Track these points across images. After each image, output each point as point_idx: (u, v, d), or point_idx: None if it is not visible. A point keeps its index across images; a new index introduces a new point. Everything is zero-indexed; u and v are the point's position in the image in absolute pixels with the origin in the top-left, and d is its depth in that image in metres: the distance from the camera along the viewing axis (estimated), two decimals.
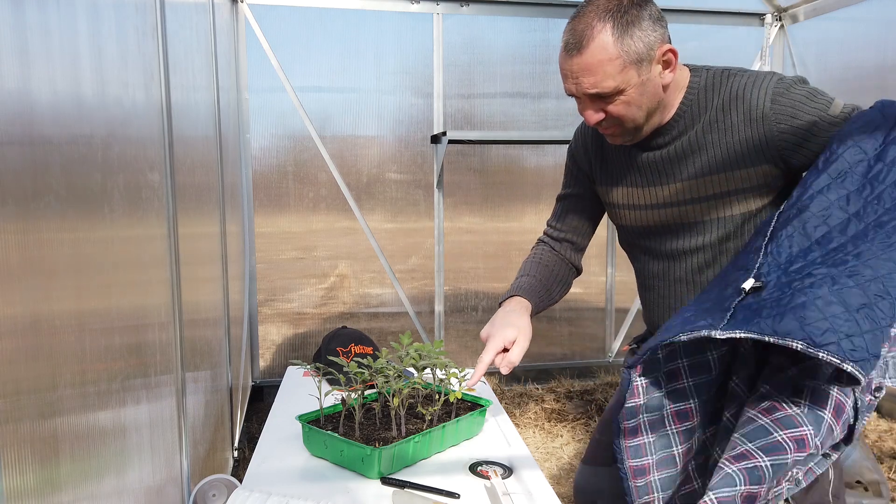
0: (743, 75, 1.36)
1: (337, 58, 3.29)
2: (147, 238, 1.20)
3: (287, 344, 3.46)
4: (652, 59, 1.28)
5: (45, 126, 0.74)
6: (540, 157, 3.55)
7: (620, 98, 1.30)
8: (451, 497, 1.34)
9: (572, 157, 1.64)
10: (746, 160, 1.34)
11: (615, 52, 1.25)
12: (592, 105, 1.34)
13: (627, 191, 1.50)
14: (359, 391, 1.54)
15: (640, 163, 1.46)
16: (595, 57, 1.26)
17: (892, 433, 2.93)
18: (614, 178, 1.52)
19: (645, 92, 1.31)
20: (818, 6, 3.37)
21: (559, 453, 2.83)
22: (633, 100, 1.30)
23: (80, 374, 0.84)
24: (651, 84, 1.31)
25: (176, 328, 1.43)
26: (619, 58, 1.25)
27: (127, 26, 1.11)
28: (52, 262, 0.75)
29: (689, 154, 1.39)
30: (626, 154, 1.48)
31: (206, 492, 1.49)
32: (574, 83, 1.33)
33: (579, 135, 1.62)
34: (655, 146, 1.43)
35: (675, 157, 1.41)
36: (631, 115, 1.33)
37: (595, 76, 1.28)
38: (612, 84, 1.28)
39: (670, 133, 1.40)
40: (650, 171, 1.45)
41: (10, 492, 0.62)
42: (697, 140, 1.38)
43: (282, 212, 3.35)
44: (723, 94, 1.36)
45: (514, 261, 3.60)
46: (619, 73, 1.26)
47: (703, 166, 1.38)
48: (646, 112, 1.34)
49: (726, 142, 1.36)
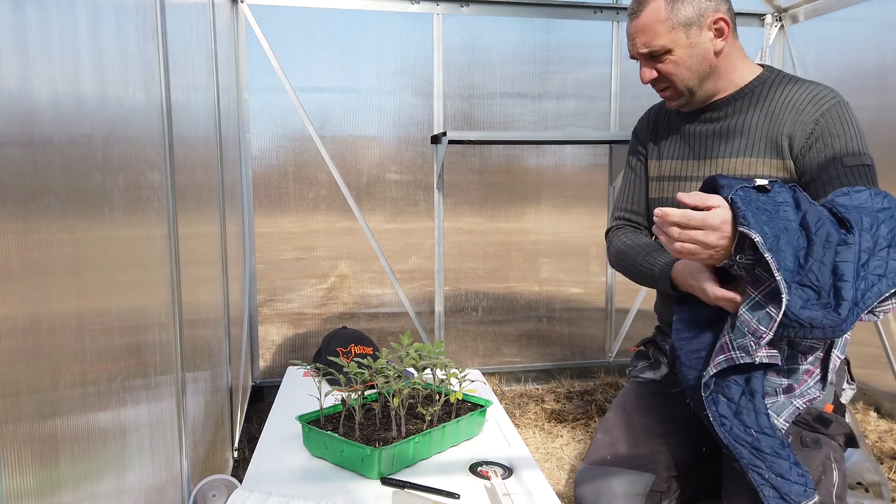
0: (809, 84, 1.50)
1: (337, 58, 3.29)
2: (147, 238, 1.20)
3: (287, 344, 3.46)
4: (703, 24, 1.47)
5: (45, 126, 0.74)
6: (540, 157, 3.55)
7: (669, 57, 1.49)
8: (451, 497, 1.34)
9: (635, 136, 1.81)
10: (776, 152, 1.49)
11: (665, 15, 1.46)
12: (647, 64, 1.54)
13: (675, 163, 1.65)
14: (359, 391, 1.54)
15: (690, 134, 1.63)
16: (647, 18, 1.48)
17: (893, 433, 2.93)
18: (665, 151, 1.68)
19: (694, 54, 1.49)
20: (818, 6, 3.37)
21: (559, 453, 2.82)
22: (681, 60, 1.49)
23: (80, 374, 0.84)
24: (700, 48, 1.49)
25: (176, 328, 1.43)
26: (668, 20, 1.46)
27: (127, 26, 1.11)
28: (52, 262, 0.75)
29: (736, 134, 1.54)
30: (678, 127, 1.66)
31: (206, 492, 1.49)
32: (631, 43, 1.53)
33: (643, 117, 1.81)
34: (707, 119, 1.59)
35: (722, 133, 1.56)
36: (680, 76, 1.51)
37: (647, 35, 1.49)
38: (661, 43, 1.48)
39: (724, 109, 1.56)
40: (698, 143, 1.61)
41: (9, 492, 0.62)
42: (746, 124, 1.53)
43: (282, 212, 3.34)
44: (785, 93, 1.50)
45: (514, 261, 3.60)
46: (667, 33, 1.46)
47: (744, 148, 1.52)
48: (696, 75, 1.51)
49: (769, 132, 1.50)
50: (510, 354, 3.69)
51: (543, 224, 3.59)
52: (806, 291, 1.20)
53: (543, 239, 3.60)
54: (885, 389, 3.12)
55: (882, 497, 2.14)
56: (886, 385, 3.11)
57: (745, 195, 1.25)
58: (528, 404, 3.37)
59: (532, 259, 3.61)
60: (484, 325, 3.64)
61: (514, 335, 3.68)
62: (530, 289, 3.65)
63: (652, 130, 1.73)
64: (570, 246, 3.60)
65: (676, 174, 1.62)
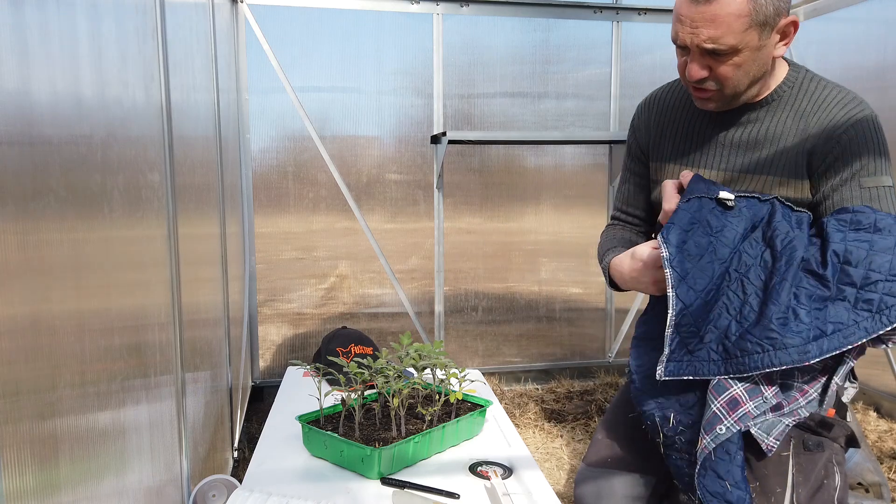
0: (835, 87, 1.33)
1: (337, 58, 3.29)
2: (147, 238, 1.20)
3: (287, 344, 3.46)
4: (776, 26, 1.24)
5: (45, 126, 0.74)
6: (540, 157, 3.55)
7: (734, 59, 1.25)
8: (451, 497, 1.34)
9: (633, 135, 1.61)
10: (798, 171, 1.33)
11: (745, 9, 1.20)
12: (701, 60, 1.28)
13: (683, 170, 1.46)
14: (359, 391, 1.54)
15: (706, 139, 1.43)
16: (724, 9, 1.20)
17: (893, 433, 2.93)
18: (673, 155, 1.49)
19: (758, 59, 1.27)
20: (818, 6, 3.37)
21: (559, 453, 2.82)
22: (744, 63, 1.26)
23: (80, 374, 0.83)
24: (765, 52, 1.27)
25: (176, 328, 1.43)
26: (747, 15, 1.21)
27: (127, 26, 1.11)
28: (52, 262, 0.75)
29: (759, 147, 1.37)
30: (690, 127, 1.45)
31: (205, 492, 1.49)
32: (691, 32, 1.25)
33: (643, 110, 1.57)
34: (732, 123, 1.39)
35: (744, 143, 1.38)
36: (736, 80, 1.29)
37: (718, 29, 1.22)
38: (732, 42, 1.22)
39: (750, 115, 1.37)
40: (713, 152, 1.42)
41: (9, 493, 0.62)
42: (770, 134, 1.35)
43: (282, 212, 3.34)
44: (813, 100, 1.33)
45: (514, 261, 3.60)
46: (743, 31, 1.22)
47: (766, 165, 1.36)
48: (750, 80, 1.30)
49: (793, 146, 1.33)
50: (510, 354, 3.69)
51: (543, 224, 3.59)
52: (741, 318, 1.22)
53: (543, 239, 3.60)
54: (885, 389, 3.12)
55: (882, 497, 2.14)
56: (886, 385, 3.11)
57: (687, 208, 1.26)
58: (528, 404, 3.37)
59: (532, 259, 3.61)
60: (484, 325, 3.64)
61: (514, 335, 3.68)
62: (530, 289, 3.65)
63: (656, 131, 1.54)
64: (569, 246, 3.60)
65: None
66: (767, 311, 1.20)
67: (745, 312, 1.22)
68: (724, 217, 1.29)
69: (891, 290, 1.17)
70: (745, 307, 1.23)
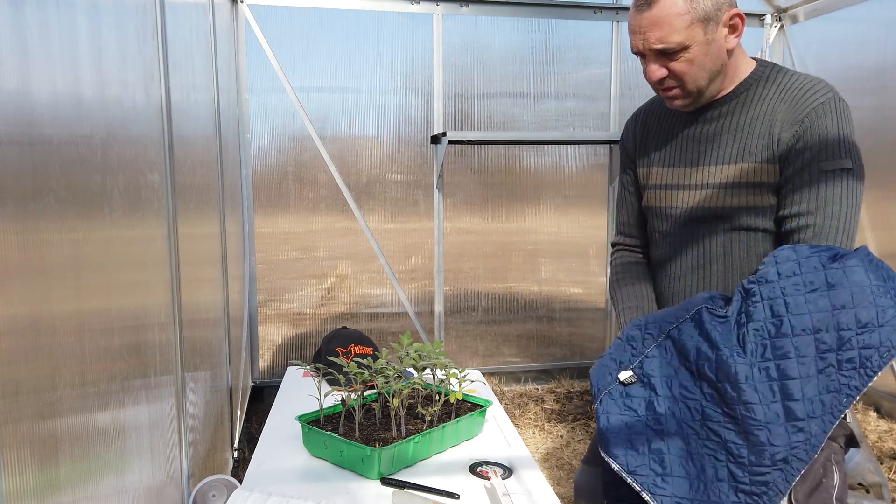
0: (802, 75, 1.41)
1: (337, 58, 3.29)
2: (147, 238, 1.20)
3: (287, 344, 3.46)
4: (719, 20, 1.35)
5: (45, 126, 0.74)
6: (540, 157, 3.55)
7: (684, 55, 1.36)
8: (451, 497, 1.34)
9: (623, 147, 1.68)
10: (770, 157, 1.39)
11: (683, 8, 1.32)
12: (657, 61, 1.39)
13: (665, 171, 1.54)
14: (359, 391, 1.54)
15: (683, 138, 1.51)
16: (663, 11, 1.32)
17: (893, 433, 2.93)
18: (655, 157, 1.57)
19: (709, 52, 1.36)
20: (818, 6, 3.37)
21: (559, 453, 2.82)
22: (696, 58, 1.36)
23: (80, 374, 0.83)
24: (716, 45, 1.36)
25: (176, 328, 1.43)
26: (687, 13, 1.32)
27: (127, 26, 1.11)
28: (52, 262, 0.75)
29: (730, 137, 1.44)
30: (670, 130, 1.54)
31: (205, 492, 1.49)
32: (641, 38, 1.37)
33: (630, 122, 1.68)
34: (702, 121, 1.48)
35: (716, 135, 1.46)
36: (693, 75, 1.38)
37: (662, 30, 1.34)
38: (678, 39, 1.33)
39: (720, 109, 1.46)
40: (690, 149, 1.50)
41: (9, 493, 0.62)
42: (740, 125, 1.43)
43: (282, 212, 3.35)
44: (779, 89, 1.41)
45: (513, 261, 3.60)
46: (685, 28, 1.33)
47: (737, 154, 1.43)
48: (708, 74, 1.39)
49: (762, 132, 1.40)
50: (510, 354, 3.69)
51: (543, 224, 3.60)
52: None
53: (543, 239, 3.61)
54: (885, 390, 3.12)
55: (882, 497, 2.14)
56: (886, 385, 3.11)
57: (605, 410, 1.31)
58: (528, 404, 3.37)
59: (532, 259, 3.61)
60: (484, 325, 3.64)
61: (514, 335, 3.68)
62: (530, 289, 3.65)
63: (641, 136, 1.62)
64: (569, 246, 3.60)
65: (667, 183, 1.53)
66: (757, 440, 1.20)
67: (735, 451, 1.22)
68: (643, 391, 1.32)
69: (864, 342, 1.19)
70: (729, 445, 1.23)
